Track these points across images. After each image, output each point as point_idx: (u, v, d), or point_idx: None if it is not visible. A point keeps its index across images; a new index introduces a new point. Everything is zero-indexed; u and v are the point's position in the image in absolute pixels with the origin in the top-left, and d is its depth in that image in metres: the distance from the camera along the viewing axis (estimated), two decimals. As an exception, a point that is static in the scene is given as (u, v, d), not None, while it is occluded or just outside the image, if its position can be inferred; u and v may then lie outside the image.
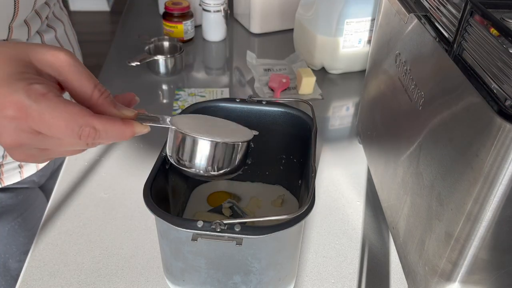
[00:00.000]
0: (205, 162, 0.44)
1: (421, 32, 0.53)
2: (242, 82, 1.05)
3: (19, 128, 0.34)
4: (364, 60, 1.04)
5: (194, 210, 0.67)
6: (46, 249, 0.63)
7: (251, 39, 1.24)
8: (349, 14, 0.96)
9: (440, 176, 0.46)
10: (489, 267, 0.44)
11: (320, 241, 0.66)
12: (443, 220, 0.45)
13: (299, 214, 0.45)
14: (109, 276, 0.60)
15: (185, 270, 0.52)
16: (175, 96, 0.97)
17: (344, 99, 1.00)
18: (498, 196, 0.38)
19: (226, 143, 0.44)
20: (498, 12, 0.40)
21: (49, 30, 0.68)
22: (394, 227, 0.60)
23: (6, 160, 0.67)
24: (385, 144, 0.65)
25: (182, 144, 0.44)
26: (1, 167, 0.67)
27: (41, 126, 0.34)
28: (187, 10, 1.17)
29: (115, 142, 0.39)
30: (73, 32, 0.79)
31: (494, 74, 0.38)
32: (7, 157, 0.67)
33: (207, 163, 0.44)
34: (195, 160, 0.44)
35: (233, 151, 0.45)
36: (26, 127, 0.34)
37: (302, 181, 0.65)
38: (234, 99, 0.64)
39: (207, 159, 0.44)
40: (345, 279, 0.61)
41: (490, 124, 0.37)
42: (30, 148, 0.36)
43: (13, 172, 0.70)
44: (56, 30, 0.70)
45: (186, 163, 0.45)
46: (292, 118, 0.63)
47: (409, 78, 0.55)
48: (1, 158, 0.66)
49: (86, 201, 0.71)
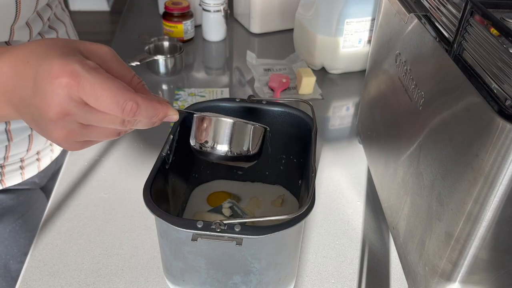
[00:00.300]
0: (227, 142, 0.46)
1: (421, 32, 0.53)
2: (242, 82, 1.05)
3: (69, 95, 0.36)
4: (364, 60, 1.04)
5: (194, 210, 0.67)
6: (46, 249, 0.63)
7: (251, 39, 1.24)
8: (349, 14, 0.96)
9: (440, 176, 0.46)
10: (489, 267, 0.44)
11: (320, 241, 0.66)
12: (443, 220, 0.45)
13: (299, 214, 0.45)
14: (109, 276, 0.60)
15: (185, 270, 0.52)
16: (175, 96, 0.97)
17: (344, 99, 1.00)
18: (498, 196, 0.38)
19: (245, 123, 0.47)
20: (498, 12, 0.40)
21: (50, 31, 0.68)
22: (394, 227, 0.60)
23: (7, 161, 0.67)
24: (385, 144, 0.65)
25: (205, 128, 0.47)
26: (2, 169, 0.67)
27: (90, 96, 0.36)
28: (187, 10, 1.17)
29: (144, 128, 0.42)
30: (75, 33, 0.79)
31: (494, 74, 0.38)
32: (8, 159, 0.67)
33: (228, 143, 0.46)
34: (217, 141, 0.47)
35: (252, 134, 0.48)
36: (76, 96, 0.36)
37: (302, 181, 0.65)
38: (234, 99, 0.64)
39: (228, 139, 0.46)
40: (345, 279, 0.61)
41: (490, 124, 0.37)
42: (73, 122, 0.38)
43: (14, 174, 0.70)
44: (58, 31, 0.70)
45: (209, 147, 0.48)
46: (292, 118, 0.63)
47: (409, 78, 0.55)
48: (2, 159, 0.66)
49: (86, 201, 0.71)
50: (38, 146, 0.71)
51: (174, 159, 0.58)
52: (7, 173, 0.69)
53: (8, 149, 0.65)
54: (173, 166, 0.58)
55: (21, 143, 0.67)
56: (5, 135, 0.64)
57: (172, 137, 0.58)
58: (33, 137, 0.68)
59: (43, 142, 0.71)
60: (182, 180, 0.65)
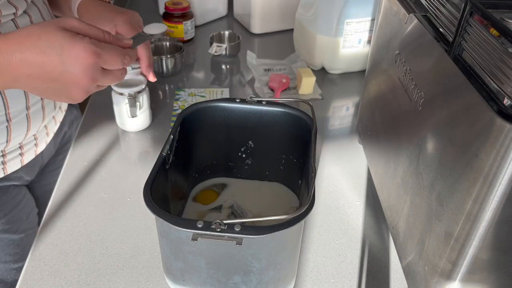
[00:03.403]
0: None
1: (421, 32, 0.53)
2: (242, 82, 1.05)
3: (95, 68, 0.51)
4: (364, 60, 1.04)
5: (194, 210, 0.67)
6: (46, 249, 0.63)
7: (251, 39, 1.24)
8: (349, 14, 0.96)
9: (440, 176, 0.46)
10: (488, 267, 0.44)
11: (320, 241, 0.66)
12: (443, 220, 0.46)
13: (299, 214, 0.45)
14: (109, 276, 0.60)
15: (185, 270, 0.52)
16: (175, 96, 0.97)
17: (344, 99, 1.00)
18: (498, 196, 0.38)
19: None
20: (497, 12, 0.40)
21: (24, 16, 0.67)
22: (394, 227, 0.60)
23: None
24: (385, 144, 0.65)
25: None
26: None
27: (105, 64, 0.53)
28: (187, 10, 1.17)
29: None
30: (51, 15, 0.77)
31: (494, 74, 0.38)
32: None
33: None
34: None
35: None
36: (99, 66, 0.52)
37: (302, 181, 0.65)
38: (234, 99, 0.64)
39: None
40: (345, 279, 0.61)
41: (489, 124, 0.37)
42: (95, 80, 0.52)
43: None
44: (32, 16, 0.68)
45: None
46: (292, 118, 0.63)
47: (409, 78, 0.55)
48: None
49: (86, 201, 0.71)
50: (18, 137, 0.68)
51: (174, 159, 0.58)
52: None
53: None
54: (173, 166, 0.58)
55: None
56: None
57: (172, 137, 0.58)
58: (11, 128, 0.66)
59: (23, 134, 0.69)
60: (182, 180, 0.65)
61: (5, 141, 0.67)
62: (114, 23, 0.71)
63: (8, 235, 0.74)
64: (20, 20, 0.65)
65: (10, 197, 0.73)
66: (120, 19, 0.71)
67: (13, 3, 0.62)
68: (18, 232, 0.75)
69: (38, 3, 0.70)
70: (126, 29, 0.71)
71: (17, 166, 0.72)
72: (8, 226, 0.74)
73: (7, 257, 0.76)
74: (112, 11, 0.73)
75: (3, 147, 0.67)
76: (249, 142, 0.67)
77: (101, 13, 0.73)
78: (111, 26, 0.71)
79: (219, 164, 0.71)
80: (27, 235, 0.77)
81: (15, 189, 0.75)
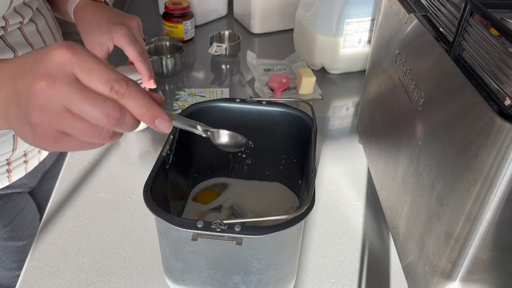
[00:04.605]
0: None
1: (421, 32, 0.53)
2: (242, 82, 1.05)
3: (64, 65, 0.35)
4: (364, 60, 1.04)
5: (194, 210, 0.67)
6: (46, 249, 0.63)
7: (251, 39, 1.24)
8: (349, 14, 0.96)
9: (440, 176, 0.46)
10: (488, 267, 0.44)
11: (320, 241, 0.66)
12: (443, 220, 0.46)
13: (299, 214, 0.45)
14: (109, 276, 0.60)
15: (185, 270, 0.52)
16: (175, 96, 0.97)
17: (344, 99, 1.00)
18: (498, 196, 0.38)
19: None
20: (498, 12, 0.40)
21: (31, 23, 0.67)
22: (394, 227, 0.60)
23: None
24: (385, 144, 0.65)
25: None
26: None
27: (83, 69, 0.35)
28: (187, 10, 1.17)
29: (130, 132, 0.39)
30: (57, 26, 0.77)
31: (494, 74, 0.38)
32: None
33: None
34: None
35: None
36: (70, 68, 0.35)
37: (302, 181, 0.65)
38: (234, 99, 0.64)
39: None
40: (345, 279, 0.61)
41: (490, 124, 0.37)
42: (57, 100, 0.35)
43: (1, 177, 0.69)
44: (37, 24, 0.68)
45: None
46: (292, 118, 0.63)
47: (409, 78, 0.55)
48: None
49: (86, 201, 0.71)
50: (24, 145, 0.69)
51: (174, 159, 0.58)
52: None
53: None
54: (173, 166, 0.58)
55: (5, 143, 0.65)
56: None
57: (172, 137, 0.58)
58: (17, 137, 0.65)
59: None
60: (182, 180, 0.65)
61: (11, 150, 0.67)
62: (111, 35, 0.68)
63: (12, 242, 0.74)
64: (27, 28, 0.64)
65: (13, 204, 0.73)
66: (118, 31, 0.67)
67: (19, 12, 0.62)
68: (21, 239, 0.75)
69: (43, 10, 0.70)
70: (124, 42, 0.68)
71: (21, 174, 0.73)
72: (12, 233, 0.74)
73: (12, 264, 0.76)
74: (109, 22, 0.69)
75: (9, 155, 0.67)
76: (249, 142, 0.68)
77: (98, 24, 0.69)
78: (107, 38, 0.68)
79: (219, 164, 0.71)
80: (30, 241, 0.77)
81: (18, 196, 0.75)
